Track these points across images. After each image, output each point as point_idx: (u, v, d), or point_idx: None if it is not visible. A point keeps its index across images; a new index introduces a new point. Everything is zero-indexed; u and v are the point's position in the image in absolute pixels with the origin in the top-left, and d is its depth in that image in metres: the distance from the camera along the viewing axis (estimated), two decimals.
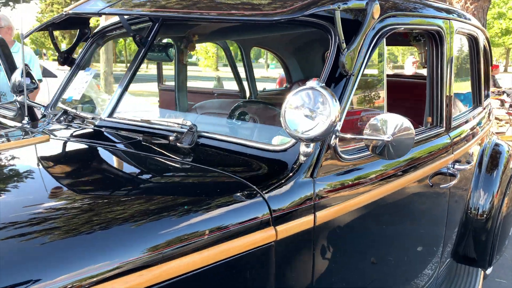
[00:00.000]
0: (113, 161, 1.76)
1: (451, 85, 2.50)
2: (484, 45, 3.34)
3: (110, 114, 2.00)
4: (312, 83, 1.39)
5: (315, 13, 1.59)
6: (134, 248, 1.14)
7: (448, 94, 2.48)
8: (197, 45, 3.46)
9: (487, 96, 3.72)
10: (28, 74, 2.60)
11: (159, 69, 4.72)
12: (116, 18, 2.56)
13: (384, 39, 1.89)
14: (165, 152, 1.72)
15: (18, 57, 4.89)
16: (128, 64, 2.09)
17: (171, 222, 1.24)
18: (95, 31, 2.83)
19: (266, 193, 1.47)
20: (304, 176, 1.57)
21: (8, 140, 1.98)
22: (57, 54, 2.85)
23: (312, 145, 1.47)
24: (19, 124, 2.52)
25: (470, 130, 2.93)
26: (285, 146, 1.61)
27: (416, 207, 2.33)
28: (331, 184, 1.65)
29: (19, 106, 2.79)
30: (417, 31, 2.39)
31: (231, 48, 4.56)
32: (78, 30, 2.87)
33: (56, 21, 2.26)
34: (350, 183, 1.73)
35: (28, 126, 2.29)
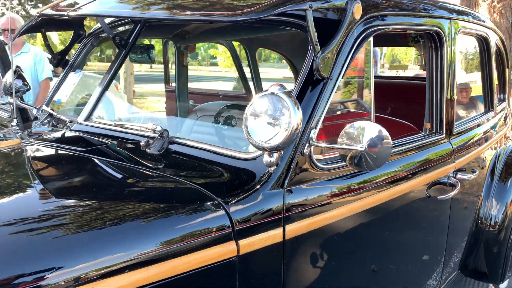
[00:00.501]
0: (69, 167, 1.70)
1: (453, 88, 2.35)
2: (497, 46, 3.14)
3: (87, 118, 1.96)
4: (273, 88, 1.29)
5: (290, 12, 1.49)
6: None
7: (449, 98, 2.32)
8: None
9: (502, 100, 3.51)
10: (20, 76, 2.60)
11: (166, 70, 4.69)
12: (110, 19, 2.53)
13: (371, 40, 1.77)
14: (130, 159, 1.66)
15: (27, 58, 4.98)
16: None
17: (112, 235, 1.18)
18: (89, 32, 2.81)
19: (229, 204, 1.38)
20: (273, 186, 1.48)
21: None
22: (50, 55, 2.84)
23: (275, 155, 1.38)
24: (10, 127, 2.52)
25: (477, 137, 2.76)
26: (254, 154, 1.52)
27: (410, 218, 2.19)
28: (304, 196, 1.55)
29: (12, 108, 2.80)
30: (411, 31, 2.25)
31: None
32: (73, 31, 2.86)
33: (33, 24, 2.24)
34: (327, 194, 1.62)
35: (12, 129, 2.28)
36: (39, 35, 2.61)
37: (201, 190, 1.41)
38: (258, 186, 1.46)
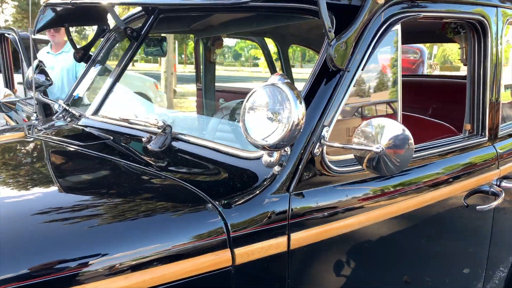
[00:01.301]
0: (59, 162, 1.63)
1: (499, 86, 2.08)
2: None
3: (95, 112, 1.90)
4: (273, 78, 1.14)
5: None
6: None
7: (493, 97, 2.05)
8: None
9: None
10: (42, 71, 2.60)
11: (197, 68, 4.64)
12: (135, 11, 2.47)
13: (398, 29, 1.57)
14: (128, 155, 1.56)
15: (68, 57, 5.09)
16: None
17: (94, 239, 1.07)
18: (112, 26, 2.77)
19: (225, 208, 1.24)
20: (278, 190, 1.32)
21: None
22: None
23: (276, 154, 1.22)
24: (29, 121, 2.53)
25: None
26: (257, 153, 1.37)
27: (441, 229, 1.95)
28: (314, 201, 1.38)
29: (36, 102, 2.82)
30: (449, 20, 2.00)
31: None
32: (97, 26, 2.84)
33: (55, 18, 2.21)
34: (342, 200, 1.44)
35: (29, 123, 2.27)
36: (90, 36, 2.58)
37: (195, 192, 1.28)
38: (260, 189, 1.31)
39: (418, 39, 4.18)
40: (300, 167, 1.35)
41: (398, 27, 1.55)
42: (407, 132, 1.26)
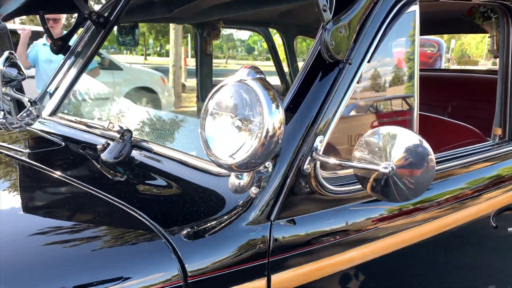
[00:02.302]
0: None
1: None
2: None
3: (53, 112, 1.61)
4: (241, 72, 0.83)
5: None
6: None
7: None
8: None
9: None
10: (14, 64, 2.33)
11: (197, 62, 4.33)
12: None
13: (417, 11, 1.24)
14: (74, 169, 1.27)
15: None
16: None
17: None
18: (92, 10, 2.46)
19: (183, 244, 0.94)
20: (256, 218, 1.02)
21: None
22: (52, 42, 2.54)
23: (246, 176, 0.91)
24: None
25: None
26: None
27: (463, 261, 1.62)
28: (304, 230, 1.07)
29: (9, 99, 2.55)
30: (477, 2, 1.66)
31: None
32: (77, 14, 2.56)
33: (27, 4, 1.92)
34: (340, 228, 1.13)
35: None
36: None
37: (145, 222, 0.98)
38: (232, 217, 1.01)
39: (437, 29, 3.79)
40: (285, 188, 1.04)
41: (415, 7, 1.22)
42: (426, 145, 0.94)
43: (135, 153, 1.27)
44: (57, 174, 1.21)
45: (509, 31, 1.65)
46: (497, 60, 1.78)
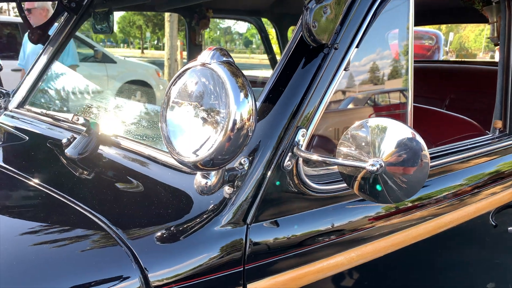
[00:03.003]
0: None
1: None
2: None
3: (21, 104, 1.50)
4: (205, 55, 0.72)
5: None
6: None
7: None
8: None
9: None
10: None
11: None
12: None
13: (411, 2, 1.13)
14: (33, 166, 1.16)
15: None
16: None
17: None
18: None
19: (145, 252, 0.84)
20: (230, 221, 0.91)
21: None
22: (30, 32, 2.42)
23: (214, 175, 0.80)
24: None
25: None
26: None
27: (462, 261, 1.52)
28: (284, 234, 0.97)
29: None
30: None
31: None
32: (57, 2, 2.43)
33: None
34: (324, 230, 1.03)
35: None
36: None
37: (103, 226, 0.87)
38: (203, 221, 0.90)
39: (434, 19, 3.67)
40: (263, 187, 0.93)
41: None
42: (419, 140, 0.83)
43: (102, 148, 1.16)
44: (13, 171, 1.10)
45: (511, 16, 1.54)
46: (496, 53, 1.68)
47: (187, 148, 0.74)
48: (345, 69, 1.00)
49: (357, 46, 1.01)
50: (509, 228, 1.55)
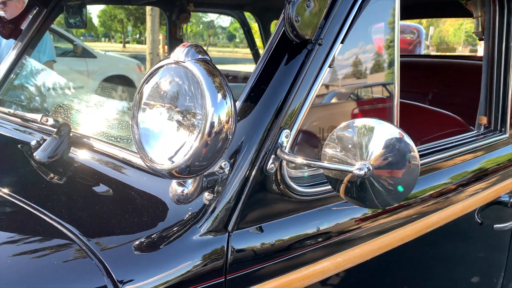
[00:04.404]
0: None
1: None
2: None
3: None
4: (178, 52, 0.66)
5: None
6: None
7: None
8: None
9: None
10: None
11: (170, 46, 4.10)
12: None
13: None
14: (1, 169, 1.08)
15: None
16: None
17: None
18: None
19: (118, 264, 0.78)
20: (210, 229, 0.86)
21: None
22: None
23: (191, 183, 0.75)
24: None
25: None
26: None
27: (449, 260, 1.50)
28: (268, 240, 0.92)
29: None
30: None
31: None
32: None
33: None
34: (309, 234, 0.98)
35: None
36: None
37: (72, 236, 0.81)
38: (182, 229, 0.84)
39: (418, 13, 3.66)
40: (245, 192, 0.88)
41: None
42: (408, 140, 0.79)
43: (74, 151, 1.09)
44: None
45: (496, 10, 1.52)
46: (477, 47, 1.66)
47: (161, 154, 0.68)
48: (329, 66, 0.96)
49: (342, 42, 0.97)
50: (495, 226, 1.54)
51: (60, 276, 0.75)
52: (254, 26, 3.98)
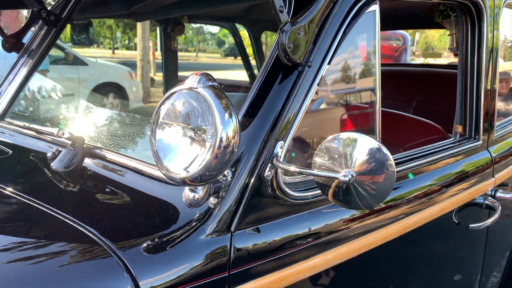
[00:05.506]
0: None
1: (494, 81, 1.76)
2: None
3: (1, 117, 1.51)
4: (192, 80, 0.78)
5: None
6: None
7: (488, 94, 1.74)
8: None
9: None
10: None
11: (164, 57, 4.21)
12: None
13: (377, 11, 1.22)
14: (19, 180, 1.19)
15: None
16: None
17: None
18: (41, 8, 2.33)
19: (136, 262, 0.89)
20: (215, 230, 0.97)
21: None
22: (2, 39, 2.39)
23: (201, 189, 0.87)
24: None
25: None
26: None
27: (429, 258, 1.64)
28: (266, 239, 1.04)
29: None
30: (437, 1, 1.67)
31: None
32: (30, 10, 2.41)
33: None
34: (303, 234, 1.11)
35: None
36: None
37: (94, 238, 0.92)
38: (190, 230, 0.96)
39: (398, 25, 3.84)
40: (245, 196, 1.00)
41: (376, 7, 1.20)
42: (385, 151, 0.92)
43: (87, 162, 1.20)
44: (0, 186, 1.12)
45: (468, 29, 1.67)
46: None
47: (176, 165, 0.80)
48: (318, 85, 1.09)
49: (328, 63, 1.10)
50: (470, 226, 1.68)
51: (86, 272, 0.86)
52: (243, 34, 4.12)
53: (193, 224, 0.97)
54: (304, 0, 1.04)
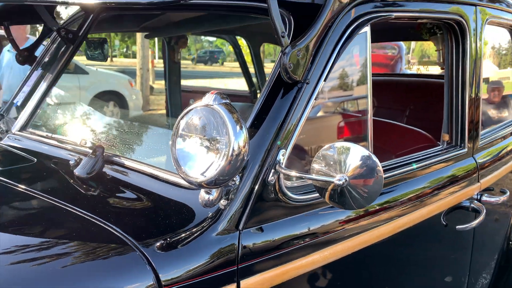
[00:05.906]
0: None
1: (478, 93, 1.90)
2: None
3: (23, 127, 1.63)
4: (208, 98, 0.92)
5: None
6: None
7: (472, 104, 1.88)
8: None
9: None
10: None
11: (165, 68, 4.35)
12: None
13: (367, 31, 1.36)
14: (46, 184, 1.31)
15: None
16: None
17: None
18: (61, 26, 2.48)
19: (157, 256, 1.01)
20: (225, 228, 1.10)
21: None
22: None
23: (215, 191, 1.00)
24: None
25: (510, 148, 2.29)
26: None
27: (418, 257, 1.77)
28: (270, 237, 1.17)
29: None
30: (424, 20, 1.81)
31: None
32: (43, 25, 2.55)
33: None
34: (303, 233, 1.23)
35: None
36: None
37: (119, 235, 1.05)
38: (203, 228, 1.09)
39: (391, 37, 4.01)
40: (251, 199, 1.13)
41: (367, 29, 1.34)
42: (375, 159, 1.05)
43: (107, 168, 1.33)
44: (30, 190, 1.25)
45: (453, 46, 1.81)
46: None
47: (194, 170, 0.93)
48: (315, 99, 1.22)
49: (324, 80, 1.23)
50: (457, 227, 1.81)
51: (113, 265, 0.98)
52: (241, 43, 4.26)
53: (206, 223, 1.09)
54: (303, 26, 1.18)
